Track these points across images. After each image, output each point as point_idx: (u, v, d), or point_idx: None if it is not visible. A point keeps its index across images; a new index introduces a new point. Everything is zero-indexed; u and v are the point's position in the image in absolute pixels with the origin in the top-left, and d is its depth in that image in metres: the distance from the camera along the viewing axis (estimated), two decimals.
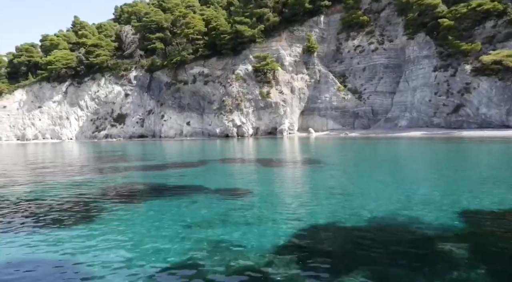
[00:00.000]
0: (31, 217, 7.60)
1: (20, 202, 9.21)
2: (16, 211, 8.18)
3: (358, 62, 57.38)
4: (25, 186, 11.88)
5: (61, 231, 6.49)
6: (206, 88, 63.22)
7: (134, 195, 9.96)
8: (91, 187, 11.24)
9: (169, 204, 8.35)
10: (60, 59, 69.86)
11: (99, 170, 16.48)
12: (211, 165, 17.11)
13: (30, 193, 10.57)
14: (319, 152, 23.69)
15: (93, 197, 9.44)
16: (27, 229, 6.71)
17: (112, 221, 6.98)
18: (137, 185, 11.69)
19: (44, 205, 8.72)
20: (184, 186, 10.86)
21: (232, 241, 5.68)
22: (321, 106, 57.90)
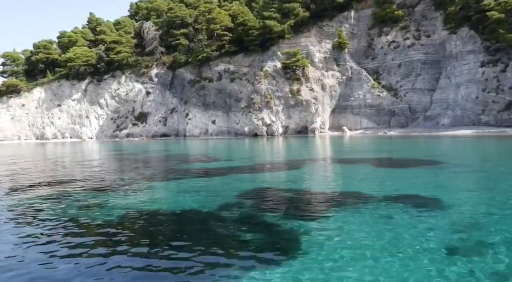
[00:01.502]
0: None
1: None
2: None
3: (392, 58, 55.37)
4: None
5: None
6: (233, 86, 61.29)
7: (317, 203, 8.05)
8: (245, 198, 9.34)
9: (371, 216, 6.43)
10: (80, 56, 68.06)
11: (205, 173, 14.56)
12: (315, 165, 15.20)
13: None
14: (402, 150, 21.67)
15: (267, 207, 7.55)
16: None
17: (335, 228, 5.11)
18: (288, 192, 9.78)
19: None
20: (350, 193, 8.96)
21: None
22: (354, 104, 55.94)
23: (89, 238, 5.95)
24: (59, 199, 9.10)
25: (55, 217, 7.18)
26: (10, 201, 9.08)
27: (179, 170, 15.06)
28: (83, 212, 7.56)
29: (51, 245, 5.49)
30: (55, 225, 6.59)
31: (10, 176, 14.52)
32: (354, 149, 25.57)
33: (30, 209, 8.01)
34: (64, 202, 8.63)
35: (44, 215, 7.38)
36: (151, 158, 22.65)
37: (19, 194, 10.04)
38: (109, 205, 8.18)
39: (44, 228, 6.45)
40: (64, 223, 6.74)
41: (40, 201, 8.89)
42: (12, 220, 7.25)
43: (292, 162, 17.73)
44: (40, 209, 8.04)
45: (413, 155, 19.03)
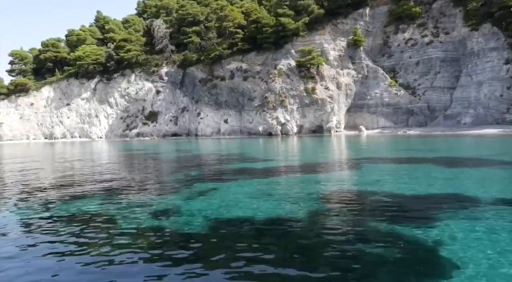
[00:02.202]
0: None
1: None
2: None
3: (410, 56, 54.31)
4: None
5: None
6: (246, 84, 60.27)
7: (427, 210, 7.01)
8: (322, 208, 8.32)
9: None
10: (89, 54, 67.14)
11: (260, 174, 13.51)
12: (374, 165, 14.14)
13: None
14: (447, 149, 20.56)
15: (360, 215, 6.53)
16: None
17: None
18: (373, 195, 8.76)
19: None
20: (447, 196, 7.93)
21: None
22: (371, 103, 54.88)
23: (167, 250, 4.96)
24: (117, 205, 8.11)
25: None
26: (17, 207, 8.10)
27: (228, 171, 14.04)
28: (160, 224, 6.57)
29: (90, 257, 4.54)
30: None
31: (17, 178, 13.52)
32: (392, 148, 24.49)
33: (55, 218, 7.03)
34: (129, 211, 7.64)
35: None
36: (182, 158, 21.59)
37: (27, 197, 9.06)
38: (176, 210, 7.18)
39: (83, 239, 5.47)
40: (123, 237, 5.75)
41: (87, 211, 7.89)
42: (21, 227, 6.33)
43: (344, 161, 16.69)
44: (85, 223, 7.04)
45: (468, 154, 17.99)
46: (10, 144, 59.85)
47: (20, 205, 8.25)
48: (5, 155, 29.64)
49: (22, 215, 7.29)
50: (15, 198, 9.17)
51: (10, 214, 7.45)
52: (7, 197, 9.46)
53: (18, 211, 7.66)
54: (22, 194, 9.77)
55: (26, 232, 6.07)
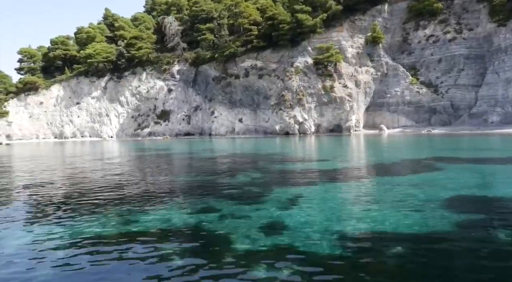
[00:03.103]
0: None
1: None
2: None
3: (431, 53, 52.88)
4: None
5: None
6: (261, 83, 58.89)
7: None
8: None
9: None
10: (100, 52, 65.78)
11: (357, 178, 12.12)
12: (450, 166, 12.78)
13: None
14: (498, 148, 19.18)
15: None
16: None
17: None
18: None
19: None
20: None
21: None
22: (391, 101, 53.49)
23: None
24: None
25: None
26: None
27: (293, 173, 12.65)
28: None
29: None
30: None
31: (26, 181, 12.17)
32: (436, 147, 23.10)
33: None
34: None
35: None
36: (223, 158, 20.19)
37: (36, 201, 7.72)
38: (278, 224, 5.83)
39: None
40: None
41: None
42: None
43: (410, 161, 15.31)
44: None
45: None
46: (19, 143, 58.55)
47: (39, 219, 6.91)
48: (16, 158, 28.31)
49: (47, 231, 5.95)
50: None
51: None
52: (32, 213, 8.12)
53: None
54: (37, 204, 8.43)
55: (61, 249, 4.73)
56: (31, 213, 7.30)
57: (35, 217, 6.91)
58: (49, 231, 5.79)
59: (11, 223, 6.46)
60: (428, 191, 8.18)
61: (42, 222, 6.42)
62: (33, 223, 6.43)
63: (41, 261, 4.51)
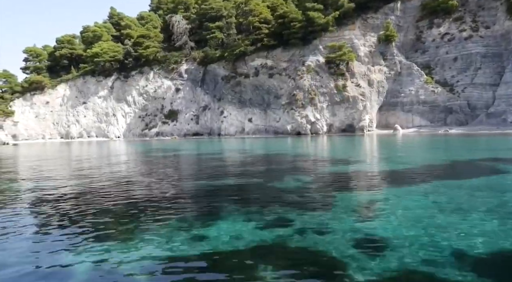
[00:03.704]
0: None
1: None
2: None
3: (446, 51, 51.85)
4: None
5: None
6: (272, 82, 57.89)
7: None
8: None
9: None
10: (107, 51, 64.82)
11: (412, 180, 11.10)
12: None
13: None
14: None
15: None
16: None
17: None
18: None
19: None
20: None
21: None
22: (405, 100, 52.46)
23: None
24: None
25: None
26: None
27: (345, 175, 11.66)
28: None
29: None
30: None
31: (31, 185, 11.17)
32: (475, 148, 22.07)
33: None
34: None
35: None
36: (254, 159, 19.15)
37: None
38: (349, 234, 4.82)
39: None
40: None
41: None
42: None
43: (474, 163, 14.29)
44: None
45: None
46: (25, 143, 57.60)
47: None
48: (27, 159, 27.34)
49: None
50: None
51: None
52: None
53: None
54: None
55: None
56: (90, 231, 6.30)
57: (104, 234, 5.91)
58: (121, 253, 4.78)
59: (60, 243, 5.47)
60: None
61: (113, 240, 5.42)
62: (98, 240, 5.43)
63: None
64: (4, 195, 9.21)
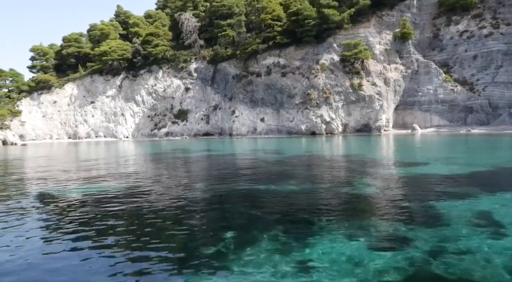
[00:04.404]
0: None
1: None
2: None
3: (465, 49, 50.56)
4: None
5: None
6: (285, 81, 56.59)
7: None
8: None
9: None
10: (115, 49, 63.59)
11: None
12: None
13: None
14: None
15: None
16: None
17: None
18: None
19: None
20: None
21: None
22: (422, 99, 51.19)
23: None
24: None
25: None
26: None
27: (440, 180, 10.43)
28: None
29: None
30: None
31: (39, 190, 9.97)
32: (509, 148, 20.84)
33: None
34: None
35: None
36: (290, 160, 17.92)
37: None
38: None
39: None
40: None
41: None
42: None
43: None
44: None
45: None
46: (33, 144, 56.41)
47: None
48: (40, 161, 26.16)
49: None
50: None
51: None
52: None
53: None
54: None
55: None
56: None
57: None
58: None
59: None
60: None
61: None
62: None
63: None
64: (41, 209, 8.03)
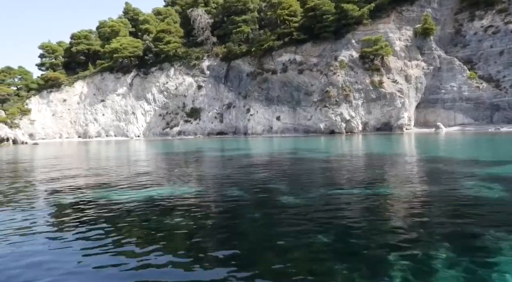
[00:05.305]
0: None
1: None
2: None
3: (491, 45, 48.93)
4: None
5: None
6: (302, 78, 55.05)
7: None
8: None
9: None
10: (126, 46, 62.14)
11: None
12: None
13: None
14: None
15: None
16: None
17: None
18: None
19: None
20: None
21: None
22: (446, 97, 49.58)
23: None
24: None
25: None
26: None
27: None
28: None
29: None
30: None
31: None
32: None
33: None
34: None
35: None
36: (344, 161, 16.39)
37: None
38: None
39: None
40: None
41: None
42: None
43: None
44: None
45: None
46: (43, 143, 55.00)
47: None
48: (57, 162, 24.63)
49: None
50: None
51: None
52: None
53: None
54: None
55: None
56: None
57: None
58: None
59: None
60: None
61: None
62: None
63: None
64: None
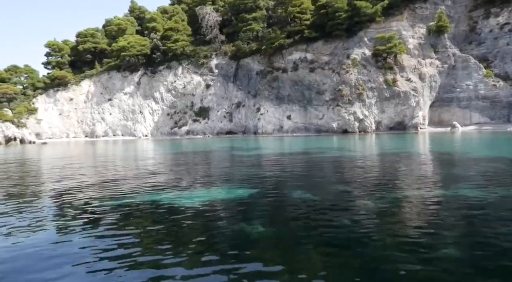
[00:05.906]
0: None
1: None
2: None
3: (507, 43, 48.09)
4: None
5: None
6: (313, 77, 54.19)
7: None
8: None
9: None
10: (134, 45, 61.29)
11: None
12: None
13: None
14: None
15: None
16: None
17: None
18: None
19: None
20: None
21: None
22: (461, 96, 48.70)
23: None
24: None
25: None
26: None
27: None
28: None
29: None
30: None
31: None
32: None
33: None
34: None
35: None
36: (391, 161, 15.51)
37: None
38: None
39: None
40: None
41: None
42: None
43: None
44: None
45: None
46: (51, 142, 54.14)
47: None
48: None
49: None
50: None
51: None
52: None
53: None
54: None
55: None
56: None
57: None
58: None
59: None
60: None
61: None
62: None
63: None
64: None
